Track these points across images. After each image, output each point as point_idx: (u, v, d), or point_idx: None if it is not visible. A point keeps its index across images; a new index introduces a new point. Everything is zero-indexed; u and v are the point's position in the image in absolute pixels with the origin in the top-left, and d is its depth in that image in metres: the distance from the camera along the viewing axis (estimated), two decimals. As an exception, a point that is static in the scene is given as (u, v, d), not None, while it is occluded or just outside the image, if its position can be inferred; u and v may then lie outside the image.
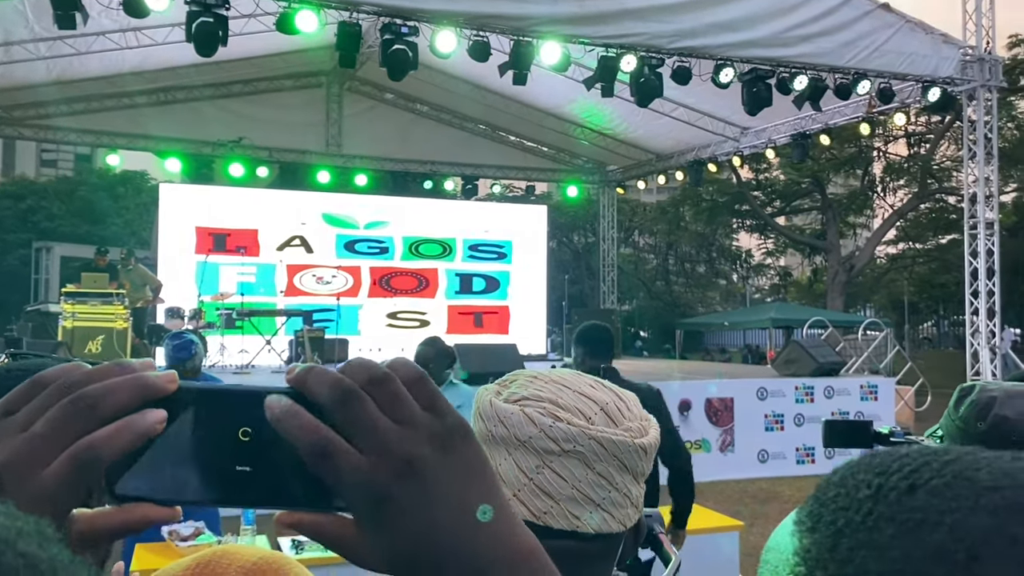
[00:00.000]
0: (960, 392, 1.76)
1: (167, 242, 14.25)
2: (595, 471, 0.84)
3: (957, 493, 0.41)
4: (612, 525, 0.86)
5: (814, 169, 25.86)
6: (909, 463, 0.43)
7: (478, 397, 0.91)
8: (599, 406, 0.87)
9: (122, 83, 13.99)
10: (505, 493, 0.83)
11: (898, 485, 0.42)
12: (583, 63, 10.88)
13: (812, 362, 11.06)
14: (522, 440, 0.85)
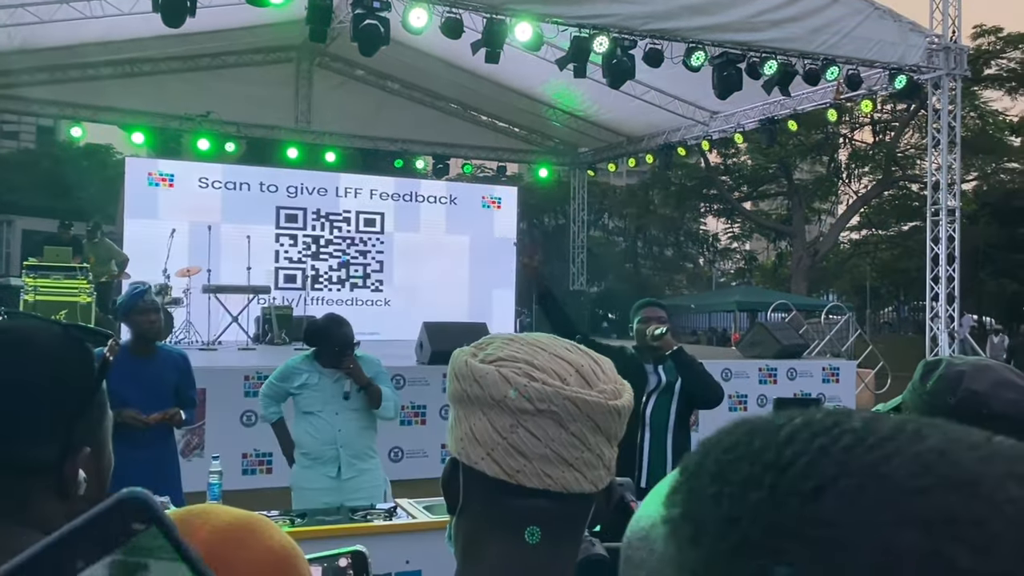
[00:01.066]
0: (926, 366, 1.82)
1: (133, 216, 14.05)
2: (568, 431, 0.85)
3: (875, 500, 0.33)
4: (584, 485, 0.87)
5: (781, 155, 26.13)
6: (802, 451, 0.35)
7: (453, 358, 0.92)
8: (574, 368, 0.88)
9: (86, 54, 13.69)
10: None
11: (799, 487, 0.34)
12: (556, 43, 10.87)
13: (776, 344, 11.24)
14: (496, 399, 0.86)
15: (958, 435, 0.36)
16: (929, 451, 0.34)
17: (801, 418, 0.38)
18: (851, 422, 0.37)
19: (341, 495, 4.17)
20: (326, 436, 4.29)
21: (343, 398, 4.30)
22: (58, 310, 10.55)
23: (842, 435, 0.36)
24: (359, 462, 4.35)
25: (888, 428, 0.36)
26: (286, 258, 14.93)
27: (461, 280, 15.59)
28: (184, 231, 13.01)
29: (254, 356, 10.25)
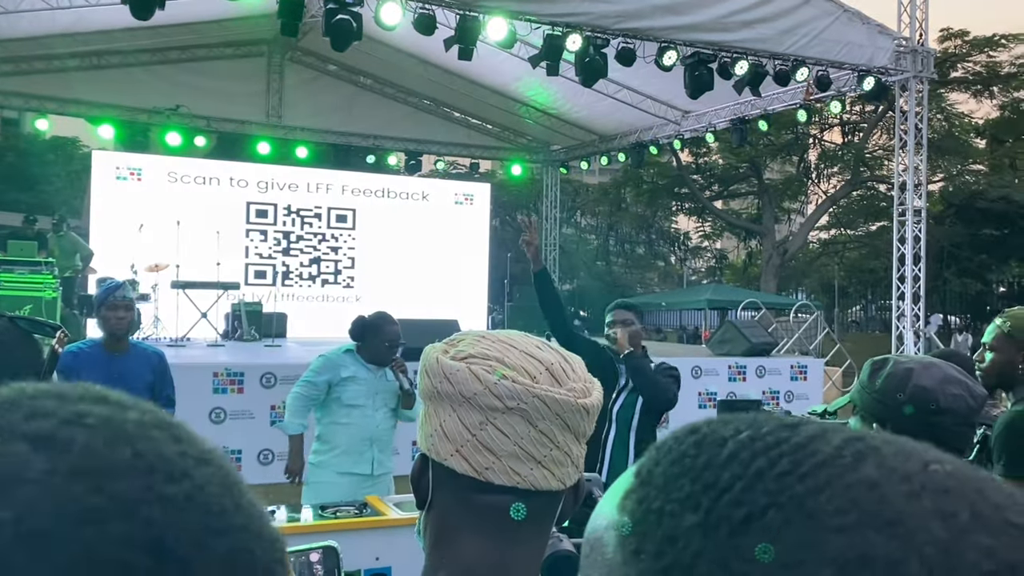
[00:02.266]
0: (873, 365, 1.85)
1: (99, 211, 13.85)
2: (537, 429, 0.86)
3: (798, 537, 0.34)
4: (552, 483, 0.88)
5: (752, 154, 26.35)
6: (740, 476, 0.36)
7: (425, 354, 0.92)
8: (544, 366, 0.89)
9: (52, 45, 13.46)
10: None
11: (730, 515, 0.35)
12: (529, 41, 10.88)
13: (745, 342, 11.35)
14: (467, 396, 0.86)
15: (895, 463, 0.36)
16: (860, 483, 0.35)
17: (748, 432, 0.38)
18: (794, 439, 0.37)
19: (373, 491, 4.22)
20: (363, 432, 4.29)
21: (403, 393, 4.35)
22: (22, 305, 10.38)
23: (780, 458, 0.36)
24: (387, 460, 4.41)
25: (828, 452, 0.36)
26: (256, 254, 14.80)
27: (433, 277, 15.55)
28: (152, 226, 12.85)
29: (223, 352, 10.15)
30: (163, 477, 0.33)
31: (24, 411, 0.33)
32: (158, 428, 0.35)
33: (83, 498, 0.30)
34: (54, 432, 0.32)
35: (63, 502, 0.30)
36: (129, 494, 0.32)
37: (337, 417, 4.29)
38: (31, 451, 0.32)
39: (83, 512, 0.30)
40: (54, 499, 0.30)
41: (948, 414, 1.67)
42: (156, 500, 0.32)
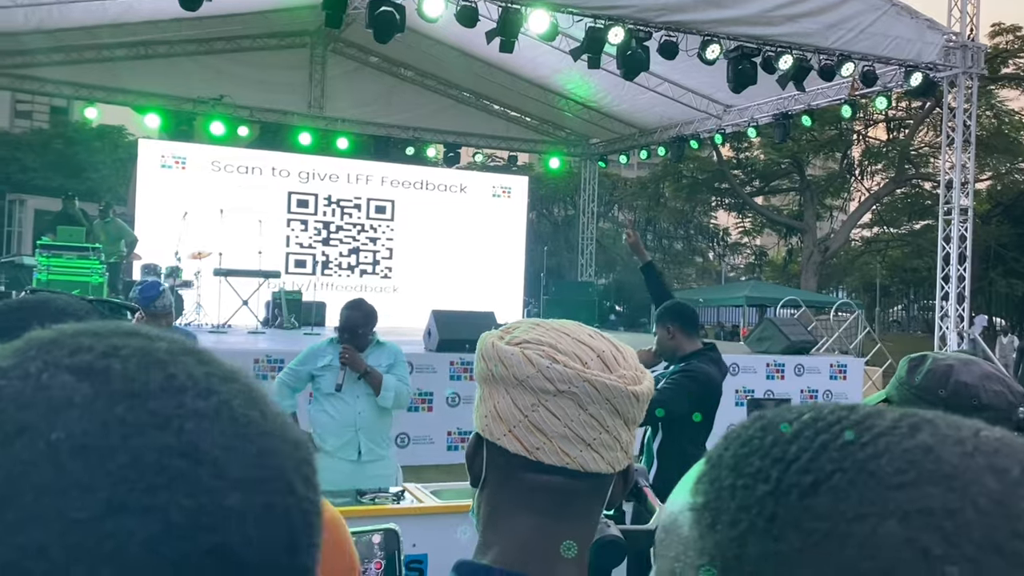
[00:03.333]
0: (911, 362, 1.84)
1: (144, 199, 14.12)
2: (587, 412, 0.89)
3: (862, 494, 0.37)
4: (601, 466, 0.90)
5: (794, 150, 26.01)
6: (806, 448, 0.40)
7: (482, 340, 0.96)
8: (596, 353, 0.92)
9: (102, 35, 13.73)
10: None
11: (799, 482, 0.39)
12: (571, 33, 10.85)
13: (784, 340, 11.22)
14: (520, 379, 0.89)
15: (948, 431, 0.40)
16: (917, 447, 0.38)
17: (810, 414, 0.42)
18: (853, 418, 0.41)
19: (360, 479, 4.18)
20: (346, 418, 4.31)
21: (335, 389, 4.30)
22: (70, 290, 10.61)
23: (842, 432, 0.40)
24: (376, 447, 4.38)
25: (885, 425, 0.40)
26: (297, 243, 14.99)
27: (469, 269, 15.61)
28: (196, 214, 13.06)
29: (263, 340, 10.30)
30: (193, 394, 0.38)
31: (68, 348, 0.38)
32: (185, 354, 0.40)
33: (125, 416, 0.35)
34: (94, 363, 0.37)
35: (108, 421, 0.35)
36: (164, 410, 0.36)
37: (321, 405, 4.39)
38: (76, 381, 0.36)
39: (126, 428, 0.35)
40: (101, 419, 0.35)
41: (989, 410, 1.67)
42: (189, 414, 0.37)
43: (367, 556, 1.12)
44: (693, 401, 3.79)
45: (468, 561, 0.91)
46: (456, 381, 8.67)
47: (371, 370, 4.32)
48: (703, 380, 3.85)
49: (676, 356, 3.95)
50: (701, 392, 3.84)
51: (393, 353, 4.45)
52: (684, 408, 3.78)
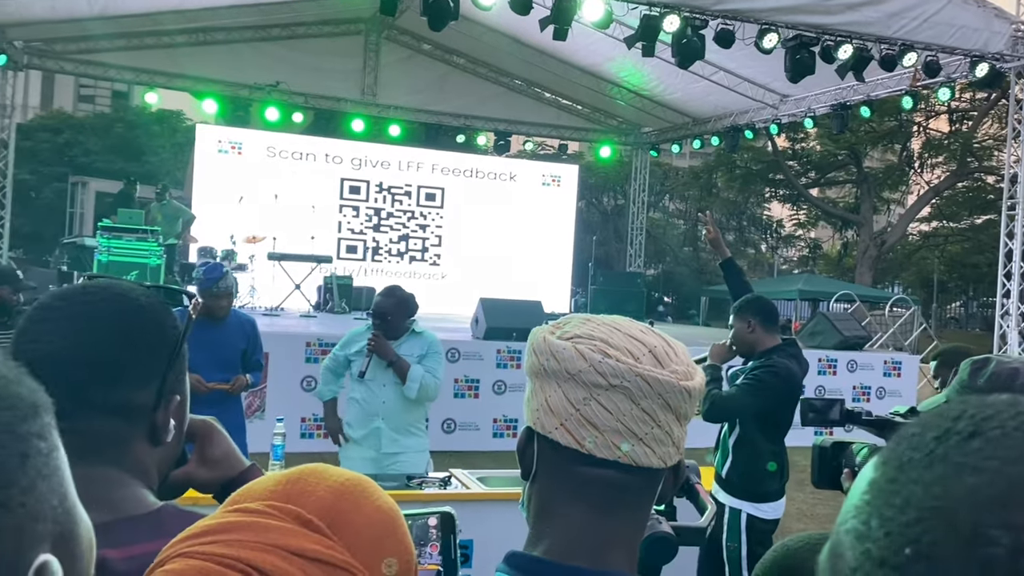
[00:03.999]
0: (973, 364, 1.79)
1: (201, 183, 14.41)
2: (639, 407, 0.89)
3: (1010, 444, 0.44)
4: (652, 460, 0.90)
5: (852, 141, 25.46)
6: (983, 412, 0.46)
7: (533, 335, 0.96)
8: (647, 348, 0.92)
9: (162, 21, 14.00)
10: None
11: (962, 430, 0.46)
12: (625, 21, 10.75)
13: (837, 335, 11.04)
14: (572, 373, 0.90)
15: None
16: None
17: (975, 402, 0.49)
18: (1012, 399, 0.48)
19: (378, 469, 4.15)
20: (369, 407, 4.29)
21: (359, 375, 4.27)
22: (129, 271, 10.90)
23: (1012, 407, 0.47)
24: (402, 437, 4.31)
25: None
26: (348, 229, 15.16)
27: (517, 257, 15.62)
28: (251, 199, 13.29)
29: (315, 323, 10.46)
30: None
31: None
32: None
33: None
34: None
35: None
36: None
37: (351, 391, 4.38)
38: None
39: None
40: None
41: None
42: None
43: (423, 539, 1.15)
44: (773, 397, 3.73)
45: (519, 552, 0.92)
46: (502, 369, 8.70)
47: (398, 359, 4.25)
48: (784, 376, 3.78)
49: (754, 351, 3.88)
50: (782, 388, 3.76)
51: (427, 343, 4.37)
52: (762, 404, 3.73)
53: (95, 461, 0.95)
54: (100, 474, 0.95)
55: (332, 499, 0.73)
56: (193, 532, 0.73)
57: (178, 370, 1.04)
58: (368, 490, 0.76)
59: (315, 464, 0.79)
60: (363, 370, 4.27)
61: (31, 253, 21.77)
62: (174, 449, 1.06)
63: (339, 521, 0.72)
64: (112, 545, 0.87)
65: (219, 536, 0.71)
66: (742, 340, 3.90)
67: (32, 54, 14.53)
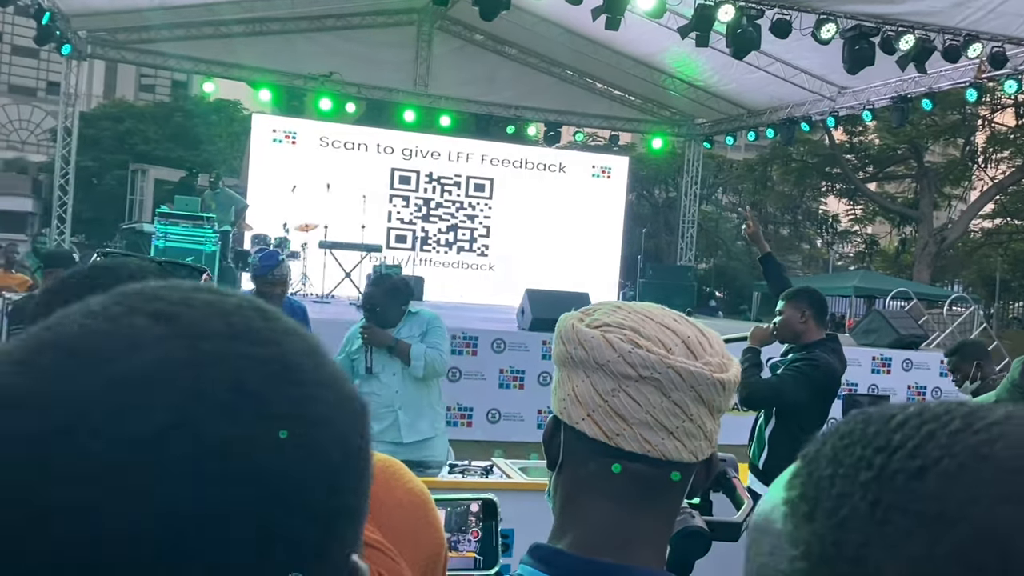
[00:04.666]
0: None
1: (256, 171, 14.64)
2: (670, 399, 0.86)
3: (975, 478, 0.36)
4: (684, 454, 0.87)
5: (912, 135, 24.80)
6: (911, 435, 0.38)
7: (561, 322, 0.93)
8: (680, 338, 0.88)
9: (219, 11, 14.25)
10: None
11: (904, 467, 0.37)
12: (678, 11, 10.61)
13: (892, 333, 10.78)
14: (600, 363, 0.87)
15: None
16: None
17: (914, 407, 0.40)
18: (962, 410, 0.39)
19: (412, 458, 4.07)
20: (384, 399, 4.23)
21: (365, 371, 4.21)
22: (185, 256, 11.12)
23: (951, 421, 0.38)
24: (420, 425, 4.28)
25: (999, 415, 0.38)
26: (398, 219, 15.29)
27: (566, 249, 15.57)
28: (304, 187, 13.46)
29: (363, 312, 10.56)
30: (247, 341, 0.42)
31: (149, 296, 0.43)
32: (252, 310, 0.44)
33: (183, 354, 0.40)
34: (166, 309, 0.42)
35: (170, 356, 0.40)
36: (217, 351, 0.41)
37: (361, 387, 4.27)
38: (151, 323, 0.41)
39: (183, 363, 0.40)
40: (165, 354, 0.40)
41: None
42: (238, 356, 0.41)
43: (463, 526, 1.14)
44: (814, 390, 3.71)
45: (543, 545, 0.90)
46: (548, 361, 8.68)
47: (396, 343, 4.20)
48: (826, 370, 3.76)
49: (799, 341, 3.85)
50: (824, 382, 3.75)
51: (426, 320, 4.31)
52: (804, 397, 3.70)
53: None
54: None
55: None
56: None
57: None
58: (399, 472, 0.75)
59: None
60: (369, 365, 4.22)
61: (92, 238, 22.41)
62: None
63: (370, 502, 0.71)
64: None
65: None
66: (790, 328, 3.86)
67: (95, 44, 14.90)
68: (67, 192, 14.73)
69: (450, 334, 4.62)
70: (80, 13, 13.24)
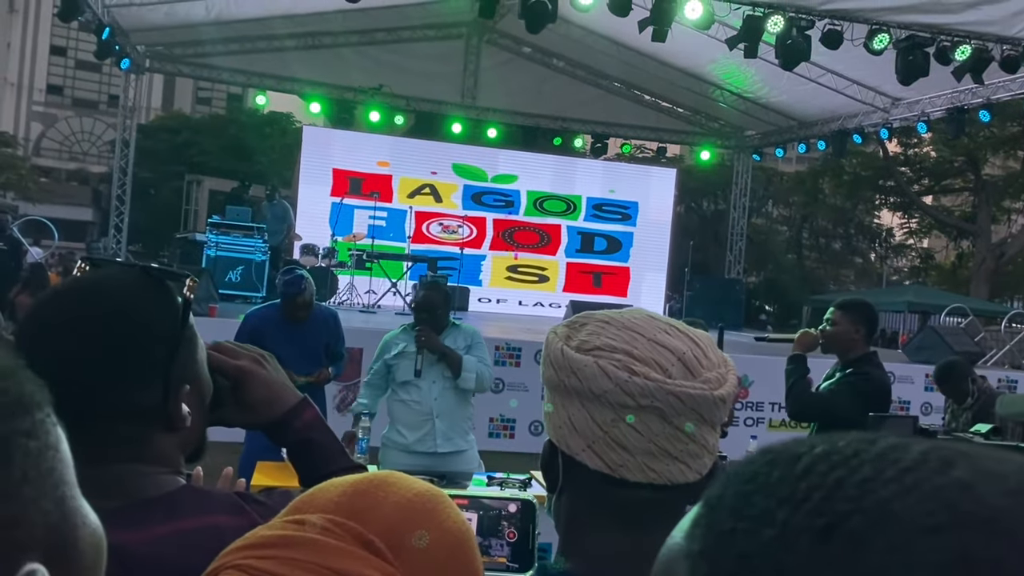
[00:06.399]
0: None
1: (307, 183, 14.88)
2: (673, 425, 0.82)
3: (887, 541, 0.31)
4: (689, 475, 0.84)
5: (969, 147, 24.18)
6: (817, 484, 0.34)
7: (548, 342, 0.89)
8: (676, 356, 0.84)
9: (273, 26, 14.54)
10: None
11: (810, 525, 0.33)
12: (727, 21, 10.53)
13: (947, 350, 10.49)
14: (596, 394, 0.83)
15: (990, 465, 0.33)
16: (951, 484, 0.32)
17: (822, 447, 0.36)
18: (874, 450, 0.35)
19: (446, 470, 4.10)
20: (422, 408, 4.21)
21: (414, 374, 4.18)
22: (236, 266, 11.36)
23: (861, 466, 0.34)
24: (455, 436, 4.26)
25: (912, 458, 0.34)
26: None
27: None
28: (351, 199, 13.64)
29: (408, 321, 10.63)
30: None
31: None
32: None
33: None
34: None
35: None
36: None
37: (397, 395, 4.28)
38: None
39: None
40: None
41: None
42: None
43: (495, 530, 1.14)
44: (866, 406, 3.67)
45: (550, 566, 0.89)
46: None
47: (449, 351, 4.18)
48: (878, 385, 3.76)
49: (845, 354, 3.80)
50: (877, 397, 3.73)
51: (470, 335, 4.30)
52: (856, 413, 3.64)
53: (112, 461, 0.95)
54: (118, 469, 0.96)
55: (397, 518, 0.70)
56: (250, 542, 0.71)
57: (182, 358, 1.01)
58: (438, 508, 0.72)
59: (388, 473, 0.76)
60: (418, 368, 4.18)
61: (148, 248, 22.96)
62: (196, 429, 1.05)
63: (403, 544, 0.69)
64: (125, 528, 0.86)
65: (275, 551, 0.69)
66: (841, 339, 3.78)
67: (153, 58, 15.31)
68: (124, 202, 15.12)
69: (494, 344, 4.61)
70: (138, 28, 13.63)
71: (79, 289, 1.01)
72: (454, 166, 15.49)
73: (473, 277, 14.77)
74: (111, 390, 0.95)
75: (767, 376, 7.93)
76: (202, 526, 0.94)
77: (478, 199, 15.56)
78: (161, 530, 0.92)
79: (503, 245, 15.58)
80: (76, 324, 0.96)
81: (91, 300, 0.99)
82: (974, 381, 5.35)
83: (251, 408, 1.14)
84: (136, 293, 1.00)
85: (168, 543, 0.91)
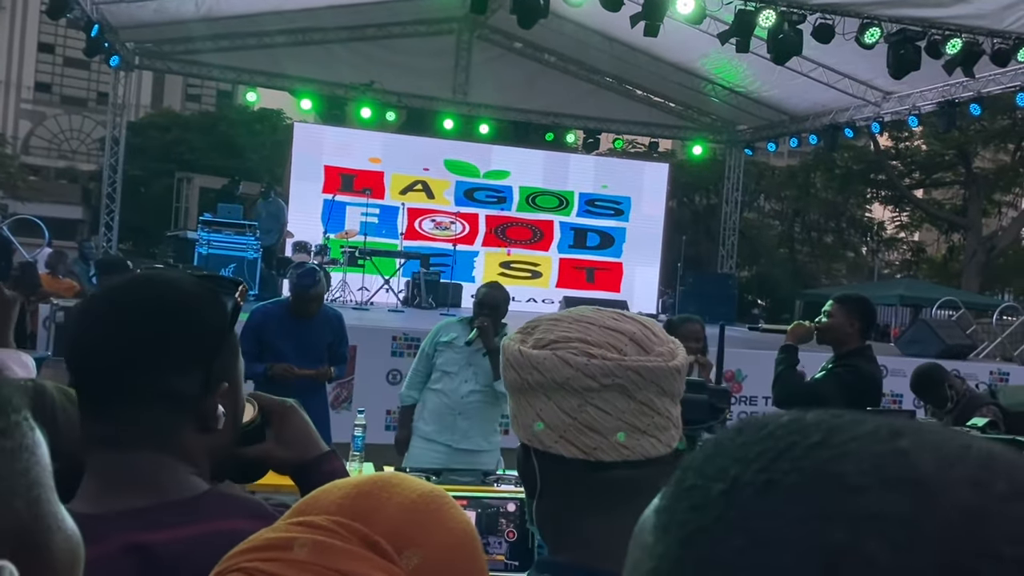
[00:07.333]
0: None
1: (298, 179, 14.83)
2: (636, 400, 0.87)
3: (815, 497, 0.34)
4: (660, 448, 0.89)
5: (960, 140, 24.28)
6: (772, 447, 0.36)
7: (504, 348, 0.93)
8: (628, 337, 0.89)
9: (262, 22, 14.46)
10: None
11: (753, 480, 0.35)
12: (718, 16, 10.52)
13: (939, 343, 10.55)
14: (560, 382, 0.87)
15: (934, 439, 0.35)
16: (889, 452, 0.35)
17: (788, 418, 0.38)
18: (834, 422, 0.37)
19: (447, 463, 4.12)
20: (449, 400, 4.28)
21: (464, 343, 4.25)
22: (227, 263, 11.30)
23: (814, 434, 0.36)
24: (476, 435, 4.29)
25: (865, 429, 0.36)
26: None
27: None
28: (343, 195, 13.59)
29: (402, 318, 10.63)
30: None
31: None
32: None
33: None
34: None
35: None
36: None
37: (432, 381, 4.35)
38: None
39: None
40: None
41: None
42: None
43: (492, 528, 1.13)
44: (852, 399, 3.67)
45: (550, 560, 0.90)
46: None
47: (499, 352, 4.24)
48: (868, 379, 3.77)
49: (839, 347, 3.81)
50: (865, 390, 3.72)
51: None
52: (841, 404, 3.65)
53: (141, 447, 0.97)
54: (145, 459, 0.97)
55: (402, 519, 0.71)
56: (255, 544, 0.71)
57: (225, 357, 1.04)
58: (441, 509, 0.73)
59: (391, 474, 0.77)
60: (469, 339, 4.24)
61: (139, 246, 22.88)
62: (226, 435, 1.07)
63: (407, 544, 0.70)
64: (151, 529, 0.88)
65: (280, 553, 0.69)
66: (836, 331, 3.80)
67: (142, 55, 15.22)
68: (114, 200, 15.04)
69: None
70: (127, 25, 13.54)
71: (141, 276, 1.07)
72: (446, 162, 15.44)
73: (466, 273, 14.73)
74: (150, 368, 0.98)
75: (760, 371, 7.94)
76: (225, 530, 0.94)
77: (470, 195, 15.53)
78: (185, 532, 0.93)
79: (496, 241, 15.55)
80: (131, 303, 1.01)
81: (149, 285, 1.04)
82: (951, 386, 5.26)
83: (288, 445, 1.17)
84: (190, 288, 1.04)
85: (191, 545, 0.92)
